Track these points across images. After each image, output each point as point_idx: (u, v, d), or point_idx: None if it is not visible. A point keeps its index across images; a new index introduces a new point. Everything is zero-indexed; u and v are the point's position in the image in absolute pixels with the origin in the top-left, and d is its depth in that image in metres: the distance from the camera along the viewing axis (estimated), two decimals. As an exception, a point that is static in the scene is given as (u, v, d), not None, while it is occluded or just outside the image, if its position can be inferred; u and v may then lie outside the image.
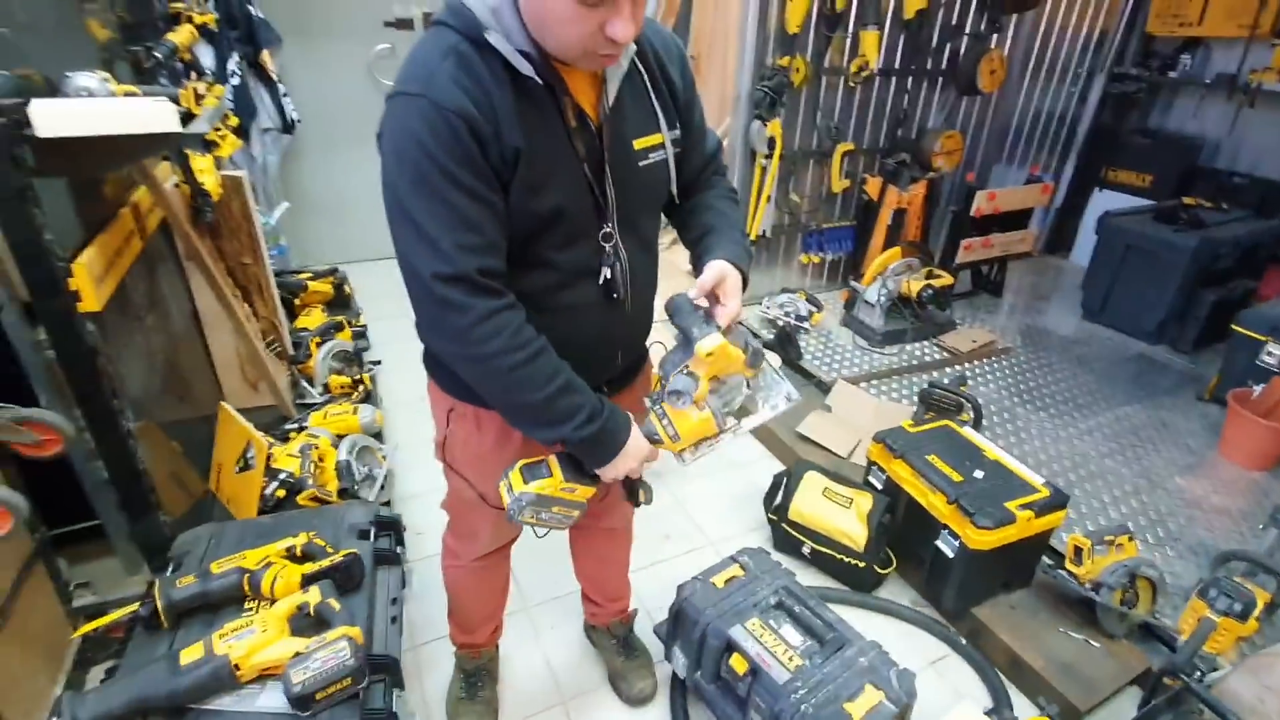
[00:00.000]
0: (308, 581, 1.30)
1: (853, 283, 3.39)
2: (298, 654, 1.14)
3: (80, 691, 1.14)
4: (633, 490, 1.10)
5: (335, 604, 1.25)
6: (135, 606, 1.25)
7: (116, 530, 1.74)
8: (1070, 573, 1.74)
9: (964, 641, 1.82)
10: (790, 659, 1.38)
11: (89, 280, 1.33)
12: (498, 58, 0.83)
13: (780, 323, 3.27)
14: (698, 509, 2.32)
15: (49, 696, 1.46)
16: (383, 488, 1.98)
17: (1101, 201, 4.05)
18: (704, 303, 0.99)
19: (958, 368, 3.06)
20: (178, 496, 1.91)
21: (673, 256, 4.03)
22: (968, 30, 3.45)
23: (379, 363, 2.94)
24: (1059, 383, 2.99)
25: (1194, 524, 2.18)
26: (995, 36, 3.49)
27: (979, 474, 1.82)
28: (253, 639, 1.17)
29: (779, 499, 2.10)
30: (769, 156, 3.21)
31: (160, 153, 1.93)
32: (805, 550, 2.04)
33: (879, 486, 2.01)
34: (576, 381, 0.94)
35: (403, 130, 0.83)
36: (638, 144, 0.95)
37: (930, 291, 3.21)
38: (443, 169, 0.81)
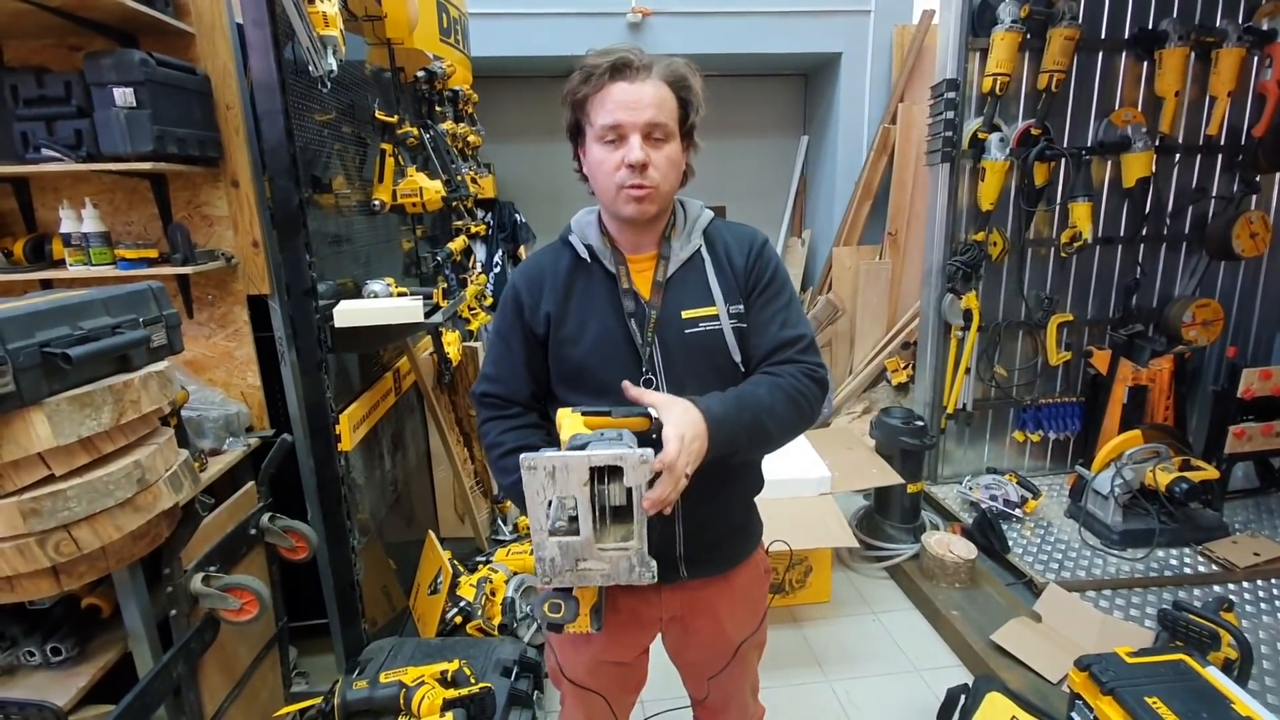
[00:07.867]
0: (446, 706, 1.46)
1: (1079, 467, 2.95)
2: (419, 773, 1.27)
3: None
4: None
5: (462, 733, 1.38)
6: (319, 700, 1.51)
7: (335, 631, 2.12)
8: None
9: None
10: None
11: (348, 427, 1.78)
12: (572, 250, 1.13)
13: (983, 506, 2.93)
14: (862, 714, 2.06)
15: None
16: (537, 629, 2.13)
17: None
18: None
19: (1227, 587, 2.40)
20: (383, 607, 2.26)
21: (853, 426, 3.91)
22: (1214, 193, 3.09)
23: (566, 508, 3.22)
24: (1402, 628, 2.17)
25: None
26: (1254, 197, 3.06)
27: (1223, 736, 1.39)
28: (389, 751, 1.34)
29: None
30: (965, 329, 3.08)
31: (413, 335, 2.53)
32: (987, 794, 1.69)
33: (1086, 728, 1.63)
34: None
35: None
36: (687, 314, 1.09)
37: (1185, 486, 2.64)
38: (497, 322, 1.18)
